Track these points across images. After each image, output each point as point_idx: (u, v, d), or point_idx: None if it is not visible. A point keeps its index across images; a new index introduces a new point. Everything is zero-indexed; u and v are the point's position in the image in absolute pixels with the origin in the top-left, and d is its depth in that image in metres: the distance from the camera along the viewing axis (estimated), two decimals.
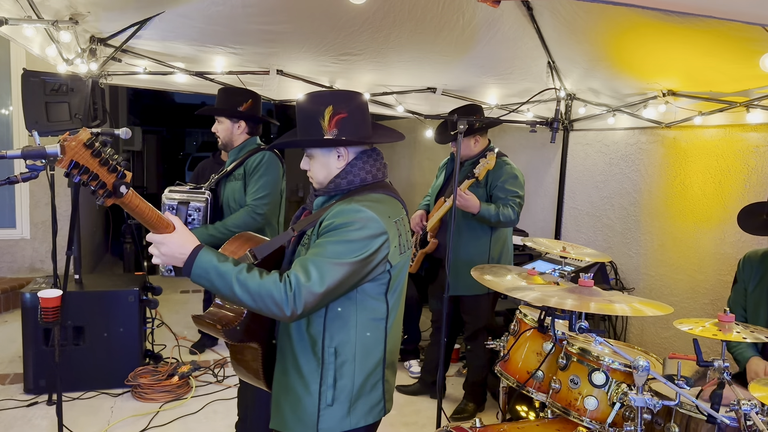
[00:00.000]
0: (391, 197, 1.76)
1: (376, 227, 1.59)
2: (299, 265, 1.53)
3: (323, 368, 1.64)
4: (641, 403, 1.85)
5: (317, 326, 1.65)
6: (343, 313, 1.64)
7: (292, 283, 1.49)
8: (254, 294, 1.48)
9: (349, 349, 1.65)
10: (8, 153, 1.76)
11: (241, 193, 2.99)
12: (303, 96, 1.75)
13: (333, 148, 1.72)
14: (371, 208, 1.61)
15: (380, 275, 1.65)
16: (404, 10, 3.17)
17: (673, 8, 1.69)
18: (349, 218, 1.57)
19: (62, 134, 1.32)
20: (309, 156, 1.77)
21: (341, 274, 1.53)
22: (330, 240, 1.56)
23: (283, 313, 1.49)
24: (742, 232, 3.36)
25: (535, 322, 2.41)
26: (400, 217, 1.74)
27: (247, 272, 1.50)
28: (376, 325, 1.69)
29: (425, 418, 3.71)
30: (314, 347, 1.65)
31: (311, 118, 1.70)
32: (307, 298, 1.49)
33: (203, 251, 1.50)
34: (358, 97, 1.77)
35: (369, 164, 1.76)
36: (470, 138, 3.49)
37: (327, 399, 1.64)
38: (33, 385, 3.72)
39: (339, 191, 1.73)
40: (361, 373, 1.67)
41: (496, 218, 3.33)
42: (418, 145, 7.49)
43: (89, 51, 3.55)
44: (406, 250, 1.76)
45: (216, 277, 1.48)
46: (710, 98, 3.44)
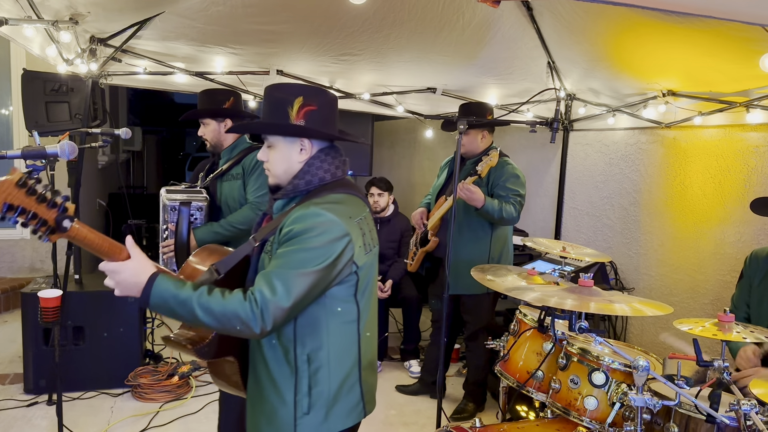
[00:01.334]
0: (352, 195, 1.72)
1: (338, 230, 1.55)
2: (263, 280, 1.49)
3: (297, 376, 1.60)
4: (641, 403, 1.85)
5: (288, 334, 1.61)
6: (314, 319, 1.60)
7: (258, 300, 1.45)
8: (219, 317, 1.44)
9: (323, 355, 1.61)
10: (8, 153, 1.77)
11: (241, 191, 2.96)
12: (272, 85, 1.72)
13: (297, 139, 1.68)
14: (331, 210, 1.57)
15: (347, 277, 1.61)
16: (404, 11, 3.17)
17: (673, 8, 1.69)
18: (308, 224, 1.53)
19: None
20: (270, 146, 1.70)
21: (307, 283, 1.50)
22: (291, 249, 1.52)
23: (252, 331, 1.45)
24: (741, 232, 3.37)
25: (535, 322, 2.41)
26: (362, 216, 1.70)
27: (208, 295, 1.45)
28: (348, 328, 1.65)
29: (425, 418, 3.71)
30: (286, 356, 1.61)
31: (279, 106, 1.66)
32: (276, 313, 1.46)
33: (159, 279, 1.45)
34: (329, 94, 1.75)
35: (328, 162, 1.71)
36: (478, 132, 3.50)
37: (303, 407, 1.60)
38: (33, 385, 3.72)
39: (298, 193, 1.68)
40: (336, 377, 1.63)
41: (498, 214, 3.33)
42: (418, 145, 7.49)
43: (89, 51, 3.55)
44: (372, 248, 1.73)
45: (176, 305, 1.44)
46: (710, 98, 3.44)
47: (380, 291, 4.42)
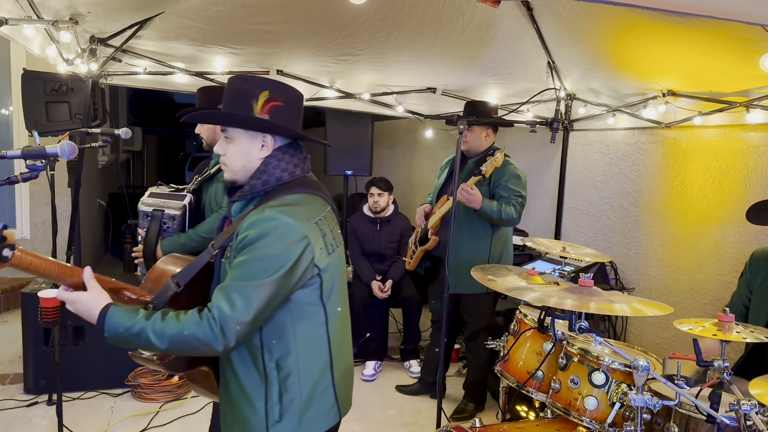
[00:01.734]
0: (312, 194, 1.65)
1: (295, 234, 1.49)
2: (221, 295, 1.44)
3: (267, 384, 1.56)
4: (641, 403, 1.85)
5: (254, 342, 1.56)
6: (280, 325, 1.55)
7: (216, 317, 1.41)
8: (177, 341, 1.41)
9: (292, 360, 1.56)
10: (8, 153, 1.77)
11: (223, 194, 2.87)
12: (235, 76, 1.66)
13: (260, 135, 1.60)
14: (287, 213, 1.50)
15: (310, 280, 1.56)
16: (404, 11, 3.17)
17: (673, 8, 1.69)
18: (263, 229, 1.47)
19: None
20: (229, 139, 1.62)
21: (267, 293, 1.45)
22: (247, 258, 1.46)
23: (214, 350, 1.42)
24: (741, 232, 3.37)
25: (535, 322, 2.41)
26: (322, 216, 1.63)
27: (162, 321, 1.42)
28: (316, 331, 1.60)
29: (425, 418, 3.71)
30: (255, 363, 1.57)
31: (244, 98, 1.59)
32: (237, 328, 1.42)
33: (110, 313, 1.42)
34: (295, 91, 1.68)
35: (285, 161, 1.63)
36: (483, 131, 3.50)
37: (274, 415, 1.56)
38: (33, 385, 3.72)
39: (255, 194, 1.61)
40: (307, 382, 1.59)
41: (498, 216, 3.33)
42: (418, 145, 7.49)
43: (89, 51, 3.55)
44: (335, 248, 1.66)
45: (131, 338, 1.42)
46: (710, 98, 3.44)
47: (380, 291, 4.42)
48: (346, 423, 3.61)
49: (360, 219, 4.66)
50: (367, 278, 4.50)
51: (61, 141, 1.86)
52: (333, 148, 5.10)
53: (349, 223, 4.72)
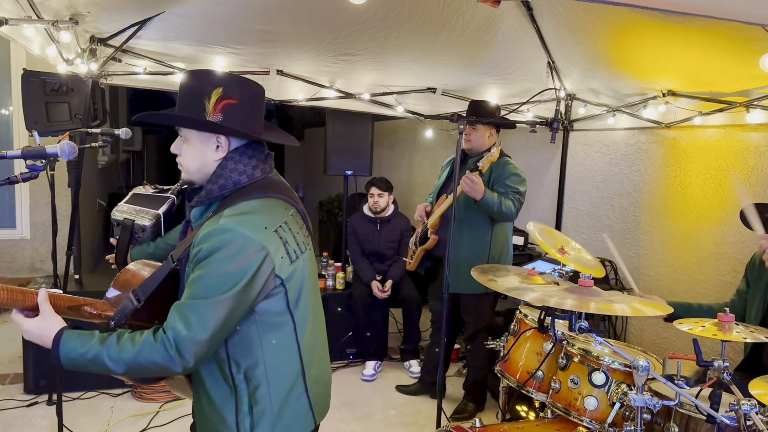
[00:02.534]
0: (272, 198, 1.55)
1: (251, 246, 1.41)
2: (176, 314, 1.39)
3: (237, 397, 1.51)
4: (641, 403, 1.85)
5: (221, 355, 1.51)
6: (246, 337, 1.50)
7: (171, 338, 1.36)
8: (134, 366, 1.37)
9: (260, 372, 1.51)
10: (8, 153, 1.77)
11: None
12: (190, 71, 1.59)
13: (213, 136, 1.52)
14: (242, 223, 1.42)
15: (274, 291, 1.49)
16: (404, 11, 3.17)
17: (673, 8, 1.69)
18: (217, 242, 1.39)
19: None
20: (183, 139, 1.56)
21: (224, 311, 1.39)
22: (201, 274, 1.40)
23: (173, 371, 1.38)
24: (741, 232, 3.37)
25: (535, 322, 2.41)
26: (283, 222, 1.53)
27: (117, 345, 1.37)
28: (285, 340, 1.54)
29: (425, 418, 3.72)
30: (223, 376, 1.52)
31: (195, 96, 1.50)
32: (195, 348, 1.37)
33: (63, 340, 1.38)
34: (253, 87, 1.57)
35: (243, 163, 1.54)
36: (486, 130, 3.52)
37: (245, 427, 1.51)
38: (33, 385, 3.72)
39: (213, 199, 1.54)
40: (278, 392, 1.54)
41: (498, 207, 3.33)
42: (418, 145, 7.49)
43: (89, 51, 3.55)
44: (300, 254, 1.57)
45: (87, 363, 1.38)
46: (710, 98, 3.44)
47: (380, 291, 4.42)
48: (345, 423, 3.61)
49: (360, 219, 4.66)
50: (367, 278, 4.50)
51: (61, 141, 1.86)
52: (333, 148, 5.10)
53: (349, 223, 4.72)
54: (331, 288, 4.72)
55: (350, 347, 4.63)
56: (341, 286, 4.72)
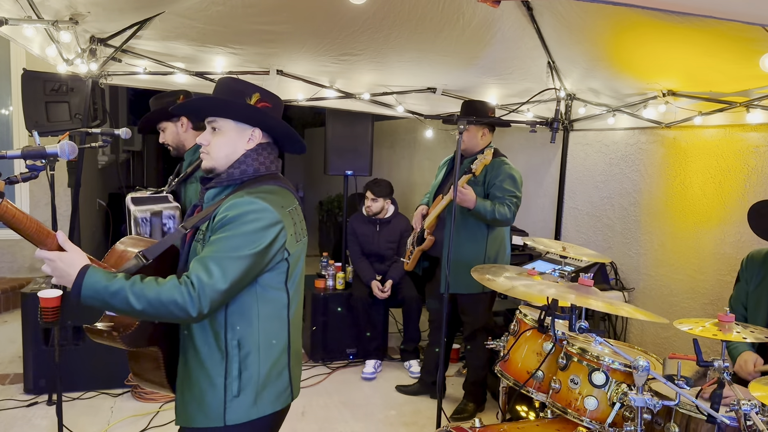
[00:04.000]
0: (283, 188, 1.77)
1: (271, 217, 1.60)
2: (199, 264, 1.52)
3: (227, 361, 1.64)
4: (641, 403, 1.85)
5: (219, 320, 1.64)
6: (245, 306, 1.64)
7: (195, 283, 1.48)
8: (155, 303, 1.46)
9: (253, 341, 1.65)
10: (8, 153, 1.76)
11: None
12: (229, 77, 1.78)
13: (249, 128, 1.73)
14: (264, 199, 1.62)
15: (279, 264, 1.66)
16: (404, 11, 3.17)
17: (673, 8, 1.69)
18: (242, 210, 1.57)
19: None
20: (216, 129, 1.73)
21: (243, 267, 1.54)
22: (226, 235, 1.56)
23: (189, 315, 1.48)
24: (741, 232, 3.37)
25: (535, 322, 2.41)
26: (293, 206, 1.76)
27: (141, 283, 1.48)
28: (278, 315, 1.70)
29: (425, 418, 3.72)
30: (217, 341, 1.64)
31: (238, 94, 1.71)
32: (213, 296, 1.50)
33: (90, 272, 1.47)
34: (280, 100, 1.81)
35: (263, 156, 1.76)
36: (479, 130, 3.51)
37: (233, 390, 1.64)
38: (33, 385, 3.72)
39: (232, 182, 1.72)
40: (266, 362, 1.68)
41: (491, 215, 3.34)
42: (418, 145, 7.49)
43: (89, 51, 3.54)
44: (302, 238, 1.79)
45: (109, 297, 1.46)
46: (710, 98, 3.44)
47: (380, 291, 4.42)
48: (345, 423, 3.61)
49: (360, 219, 4.66)
50: (367, 278, 4.50)
51: (61, 141, 1.86)
52: (333, 148, 5.10)
53: (349, 223, 4.72)
54: (331, 288, 4.72)
55: (350, 347, 4.63)
56: (341, 286, 4.72)
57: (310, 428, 3.54)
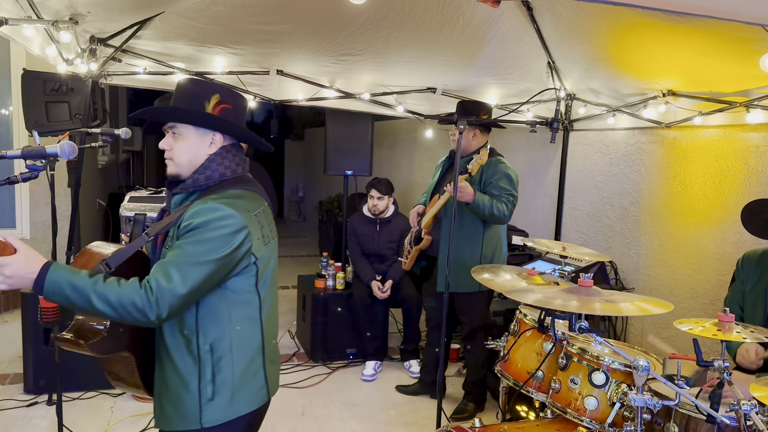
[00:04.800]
0: (250, 191, 1.76)
1: (236, 223, 1.60)
2: (160, 269, 1.53)
3: (200, 366, 1.65)
4: (641, 403, 1.85)
5: (190, 325, 1.65)
6: (215, 310, 1.65)
7: (153, 287, 1.49)
8: (115, 304, 1.46)
9: (225, 344, 1.66)
10: (8, 153, 1.77)
11: None
12: (188, 78, 1.76)
13: (210, 132, 1.71)
14: (229, 204, 1.61)
15: (247, 268, 1.67)
16: (404, 11, 3.17)
17: (673, 8, 1.69)
18: (207, 217, 1.57)
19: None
20: (177, 135, 1.72)
21: (204, 272, 1.54)
22: (189, 241, 1.56)
23: (147, 318, 1.49)
24: (741, 232, 3.37)
25: (535, 322, 2.41)
26: (261, 209, 1.75)
27: (104, 283, 1.48)
28: (250, 317, 1.71)
29: (425, 418, 3.72)
30: (189, 346, 1.65)
31: (195, 98, 1.70)
32: (171, 300, 1.50)
33: (54, 266, 1.47)
34: (243, 98, 1.80)
35: (228, 159, 1.75)
36: (470, 131, 3.50)
37: (207, 394, 1.65)
38: (33, 385, 3.72)
39: (197, 187, 1.71)
40: (240, 364, 1.69)
41: (489, 210, 3.34)
42: (418, 145, 7.49)
43: (89, 51, 3.54)
44: (271, 240, 1.79)
45: (71, 292, 1.45)
46: (710, 98, 3.44)
47: (380, 291, 4.42)
48: (345, 423, 3.61)
49: (360, 219, 4.66)
50: (367, 278, 4.50)
51: (61, 141, 1.86)
52: (333, 148, 5.11)
53: (349, 223, 4.72)
54: (331, 288, 4.72)
55: (350, 347, 4.63)
56: (341, 286, 4.72)
57: (310, 428, 3.54)
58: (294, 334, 5.17)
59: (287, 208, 13.30)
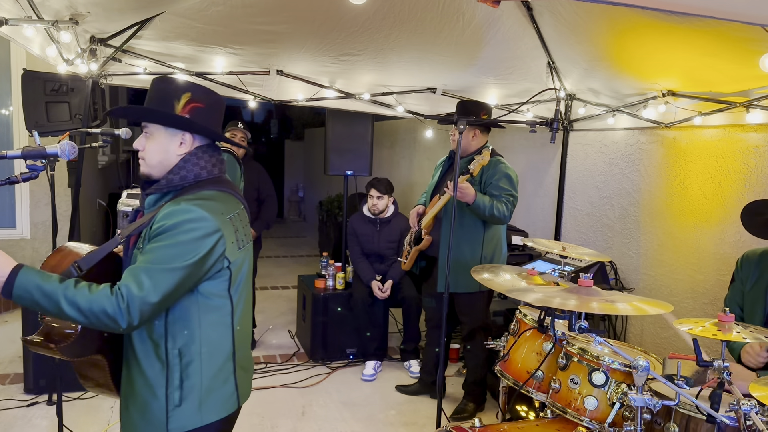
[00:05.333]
0: (225, 193, 1.72)
1: (208, 226, 1.56)
2: (131, 276, 1.49)
3: (168, 371, 1.61)
4: (641, 403, 1.85)
5: (159, 330, 1.61)
6: (185, 315, 1.61)
7: (125, 295, 1.46)
8: (85, 310, 1.44)
9: (194, 349, 1.62)
10: (8, 153, 1.77)
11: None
12: (159, 77, 1.73)
13: (179, 132, 1.68)
14: (202, 206, 1.58)
15: (220, 272, 1.63)
16: (404, 11, 3.17)
17: (673, 8, 1.69)
18: (178, 219, 1.54)
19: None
20: (148, 135, 1.69)
21: (176, 279, 1.51)
22: (161, 245, 1.52)
23: (118, 326, 1.46)
24: (741, 232, 3.37)
25: (535, 322, 2.41)
26: (235, 213, 1.71)
27: (74, 288, 1.44)
28: (221, 322, 1.67)
29: (425, 418, 3.72)
30: (157, 351, 1.61)
31: (166, 97, 1.67)
32: (143, 308, 1.47)
33: (24, 270, 1.44)
34: (217, 96, 1.76)
35: (204, 159, 1.71)
36: (469, 131, 3.51)
37: (175, 400, 1.62)
38: (33, 385, 3.72)
39: (171, 188, 1.67)
40: (209, 370, 1.65)
41: (489, 211, 3.35)
42: (418, 145, 7.49)
43: (89, 51, 3.54)
44: (245, 244, 1.75)
45: (41, 297, 1.42)
46: (710, 98, 3.44)
47: (380, 291, 4.42)
48: (345, 423, 3.61)
49: (360, 219, 4.66)
50: (367, 278, 4.50)
51: (61, 141, 1.86)
52: (333, 148, 5.11)
53: (349, 223, 4.72)
54: (331, 288, 4.72)
55: (350, 347, 4.63)
56: (341, 286, 4.72)
57: (310, 428, 3.54)
58: (294, 334, 5.18)
59: (287, 208, 13.31)
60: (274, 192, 5.15)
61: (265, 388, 4.08)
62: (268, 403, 3.84)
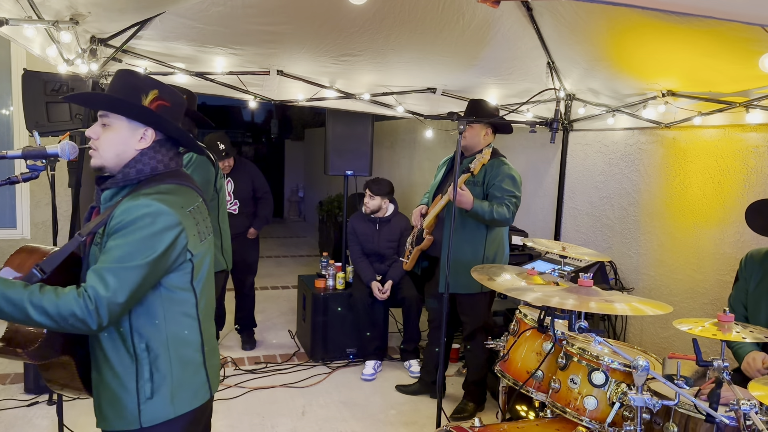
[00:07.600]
0: (184, 186, 1.70)
1: (168, 220, 1.55)
2: (96, 276, 1.48)
3: (138, 364, 1.61)
4: (641, 402, 1.85)
5: (124, 325, 1.61)
6: (150, 309, 1.61)
7: (92, 296, 1.45)
8: (54, 315, 1.42)
9: (161, 342, 1.62)
10: (9, 153, 1.77)
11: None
12: (126, 70, 1.70)
13: (142, 127, 1.65)
14: (161, 200, 1.55)
15: (182, 265, 1.63)
16: (404, 11, 3.18)
17: (673, 8, 1.69)
18: (137, 214, 1.52)
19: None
20: (106, 125, 1.64)
21: (140, 275, 1.50)
22: (121, 242, 1.50)
23: (88, 327, 1.46)
24: (741, 232, 3.37)
25: (534, 322, 2.41)
26: (195, 205, 1.70)
27: (40, 293, 1.43)
28: (186, 314, 1.67)
29: (425, 417, 3.72)
30: (125, 345, 1.61)
31: (133, 90, 1.64)
32: (111, 308, 1.47)
33: None
34: (182, 97, 1.76)
35: (161, 153, 1.69)
36: (482, 129, 3.52)
37: (146, 393, 1.62)
38: (33, 384, 3.72)
39: (128, 182, 1.64)
40: (178, 362, 1.65)
41: (489, 216, 3.34)
42: (418, 145, 7.49)
43: (90, 51, 3.54)
44: (207, 236, 1.75)
45: (6, 305, 1.40)
46: (710, 98, 3.45)
47: (379, 291, 4.42)
48: (345, 423, 3.62)
49: (360, 219, 4.66)
50: (367, 278, 4.50)
51: (62, 141, 1.86)
52: (333, 148, 5.11)
53: (349, 223, 4.72)
54: (331, 288, 4.73)
55: (350, 347, 4.64)
56: (341, 286, 4.73)
57: (310, 428, 3.55)
58: (294, 334, 5.18)
59: (287, 208, 13.31)
60: (269, 189, 5.16)
61: (265, 388, 4.08)
62: (268, 403, 3.85)
